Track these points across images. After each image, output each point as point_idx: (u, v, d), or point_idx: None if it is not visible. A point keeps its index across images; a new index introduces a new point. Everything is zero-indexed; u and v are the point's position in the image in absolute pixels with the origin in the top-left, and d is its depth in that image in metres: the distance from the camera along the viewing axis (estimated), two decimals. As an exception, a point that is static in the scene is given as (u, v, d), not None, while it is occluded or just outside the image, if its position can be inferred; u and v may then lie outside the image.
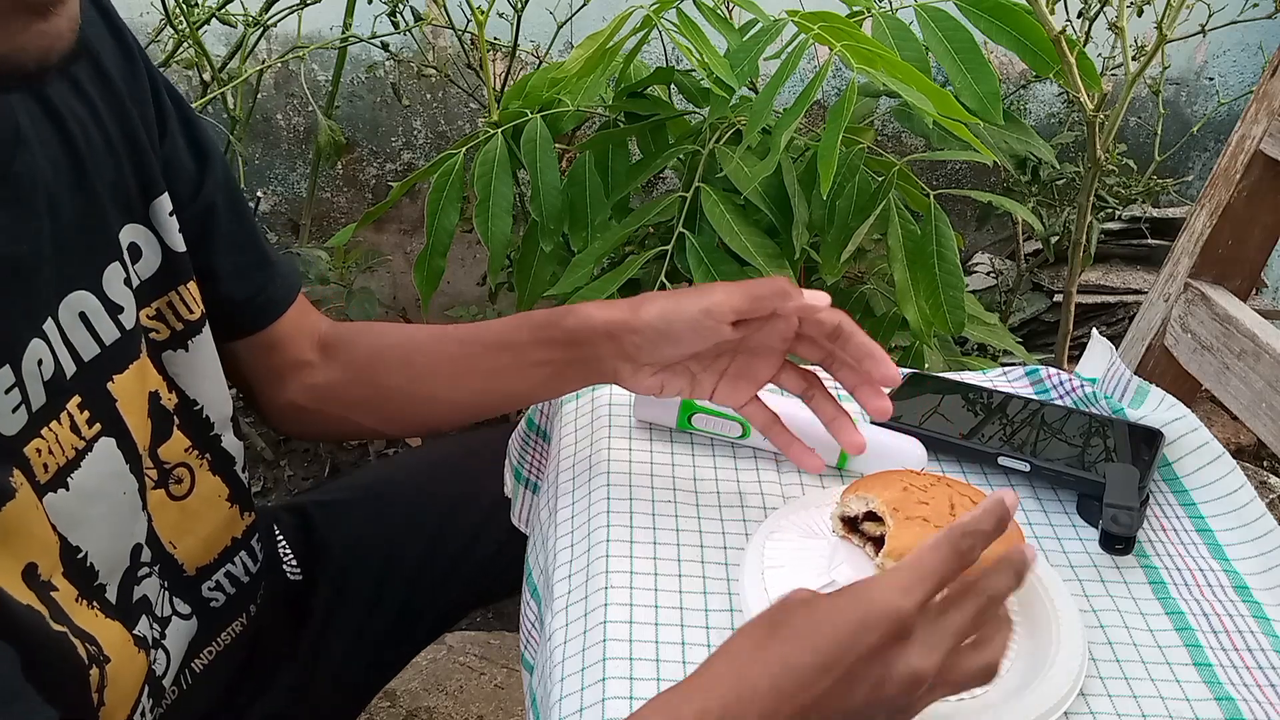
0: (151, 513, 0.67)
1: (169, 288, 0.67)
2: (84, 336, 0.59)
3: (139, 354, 0.63)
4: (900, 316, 1.15)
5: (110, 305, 0.61)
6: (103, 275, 0.60)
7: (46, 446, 0.56)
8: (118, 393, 0.61)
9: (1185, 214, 1.22)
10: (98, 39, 0.63)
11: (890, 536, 0.56)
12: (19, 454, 0.54)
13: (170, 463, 0.68)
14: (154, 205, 0.65)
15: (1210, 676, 0.59)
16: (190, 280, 0.68)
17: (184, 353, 0.68)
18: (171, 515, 0.69)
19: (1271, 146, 0.84)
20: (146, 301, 0.65)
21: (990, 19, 1.11)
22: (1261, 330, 0.82)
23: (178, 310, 0.67)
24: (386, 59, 1.79)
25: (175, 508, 0.69)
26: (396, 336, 0.79)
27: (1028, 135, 1.25)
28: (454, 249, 1.23)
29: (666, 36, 1.15)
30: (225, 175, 0.72)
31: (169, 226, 0.66)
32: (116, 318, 0.61)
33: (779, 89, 1.02)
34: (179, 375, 0.68)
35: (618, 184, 1.24)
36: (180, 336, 0.68)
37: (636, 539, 0.66)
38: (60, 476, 0.57)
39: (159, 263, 0.66)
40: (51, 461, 0.57)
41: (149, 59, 0.68)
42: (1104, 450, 0.75)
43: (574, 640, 0.60)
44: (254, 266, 0.74)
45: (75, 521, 0.58)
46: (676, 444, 0.76)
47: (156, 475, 0.67)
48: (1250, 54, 2.12)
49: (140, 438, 0.64)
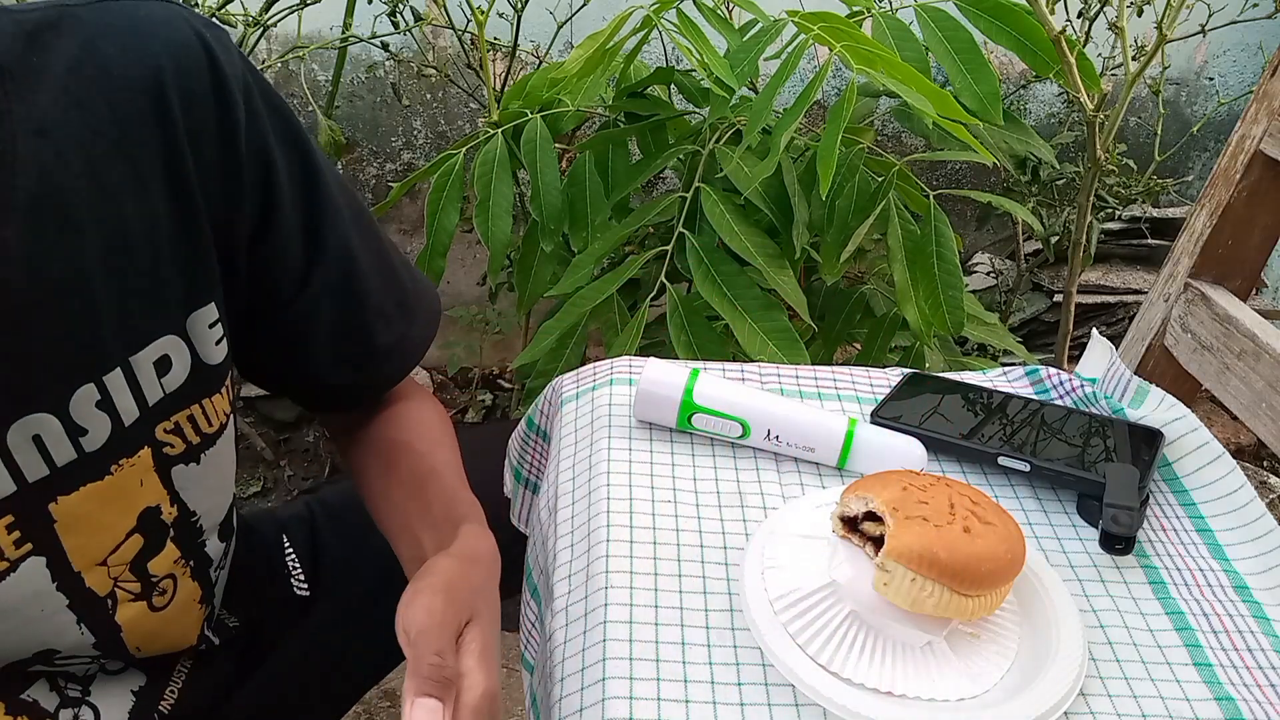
0: (124, 624, 0.65)
1: (193, 400, 0.63)
2: (33, 458, 0.56)
3: (103, 475, 0.60)
4: (900, 316, 1.15)
5: (73, 428, 0.57)
6: (73, 397, 0.56)
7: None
8: (59, 513, 0.58)
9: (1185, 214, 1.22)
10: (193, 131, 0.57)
11: (890, 536, 0.56)
12: None
13: (158, 575, 0.66)
14: (194, 316, 0.61)
15: (1210, 676, 0.59)
16: (218, 392, 0.64)
17: (195, 466, 0.65)
18: (150, 625, 0.67)
19: (1271, 146, 0.84)
20: (166, 415, 0.62)
21: (990, 19, 1.11)
22: (1261, 330, 0.82)
23: (197, 424, 0.64)
24: (386, 59, 1.79)
25: (155, 618, 0.67)
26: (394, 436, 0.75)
27: (1028, 135, 1.25)
28: (454, 249, 1.23)
29: (666, 37, 1.16)
30: (342, 258, 0.66)
31: (207, 338, 0.62)
32: (77, 440, 0.58)
33: (779, 89, 1.02)
34: (184, 489, 0.65)
35: (618, 184, 1.24)
36: (194, 450, 0.64)
37: (636, 539, 0.66)
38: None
39: (186, 375, 0.62)
40: None
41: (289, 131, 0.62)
42: (1104, 450, 0.75)
43: (574, 640, 0.60)
44: (360, 355, 0.70)
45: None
46: (676, 444, 0.76)
47: (140, 589, 0.65)
48: (1250, 54, 2.12)
49: (83, 558, 0.60)
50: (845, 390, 0.84)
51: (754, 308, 1.07)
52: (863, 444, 0.73)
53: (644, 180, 1.23)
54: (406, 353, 0.73)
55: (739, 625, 0.60)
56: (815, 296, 1.30)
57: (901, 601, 0.56)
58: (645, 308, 1.12)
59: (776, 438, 0.74)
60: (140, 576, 0.65)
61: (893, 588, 0.56)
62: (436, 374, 2.09)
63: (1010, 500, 0.73)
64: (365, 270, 0.69)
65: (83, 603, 0.62)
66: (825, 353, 1.29)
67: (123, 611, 0.64)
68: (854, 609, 0.58)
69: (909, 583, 0.55)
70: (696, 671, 0.57)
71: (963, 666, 0.57)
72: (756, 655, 0.58)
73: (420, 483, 0.70)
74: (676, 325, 1.10)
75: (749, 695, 0.56)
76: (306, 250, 0.65)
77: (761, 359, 1.02)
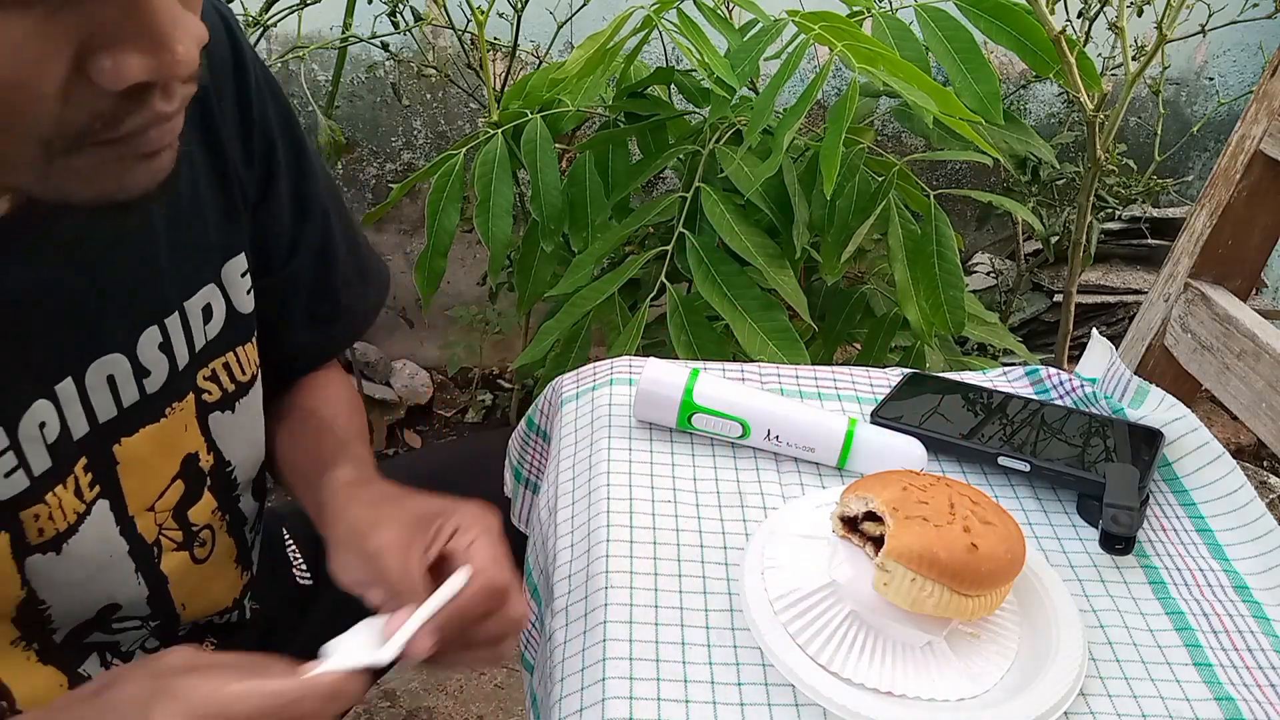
0: (169, 574, 0.66)
1: (229, 348, 0.65)
2: (105, 399, 0.58)
3: (159, 417, 0.62)
4: (900, 316, 1.15)
5: (139, 369, 0.59)
6: (140, 339, 0.59)
7: (48, 512, 0.55)
8: (121, 455, 0.60)
9: (1185, 214, 1.22)
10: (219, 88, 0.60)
11: (890, 536, 0.56)
12: (11, 518, 0.53)
13: (198, 525, 0.67)
14: (228, 265, 0.64)
15: (1210, 676, 0.59)
16: (249, 341, 0.67)
17: (230, 414, 0.67)
18: (193, 579, 0.68)
19: (1271, 146, 0.84)
20: (205, 363, 0.64)
21: (990, 19, 1.11)
22: (1261, 330, 0.82)
23: (232, 371, 0.66)
24: (386, 59, 1.79)
25: (197, 572, 0.68)
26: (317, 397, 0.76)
27: (1028, 135, 1.25)
28: (454, 249, 1.23)
29: (667, 36, 1.15)
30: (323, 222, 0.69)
31: (239, 287, 0.65)
32: (141, 382, 0.60)
33: (780, 89, 1.02)
34: (220, 437, 0.67)
35: (618, 184, 1.24)
36: (230, 398, 0.66)
37: (636, 539, 0.66)
38: (56, 541, 0.56)
39: (223, 323, 0.64)
40: (50, 527, 0.56)
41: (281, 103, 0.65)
42: (1104, 450, 0.75)
43: (574, 640, 0.60)
44: (328, 315, 0.73)
45: (52, 582, 0.57)
46: (676, 444, 0.76)
47: (182, 538, 0.66)
48: (1250, 54, 2.12)
49: (137, 501, 0.62)
50: (845, 390, 0.84)
51: (754, 308, 1.07)
52: (863, 444, 0.73)
53: (644, 180, 1.23)
54: (364, 314, 0.77)
55: (739, 625, 0.60)
56: (815, 296, 1.30)
57: (901, 601, 0.56)
58: (645, 308, 1.12)
59: (776, 438, 0.74)
60: (181, 525, 0.66)
61: (893, 588, 0.56)
62: (436, 374, 2.09)
63: (1010, 500, 0.73)
64: (337, 236, 0.72)
65: (137, 549, 0.63)
66: (825, 353, 1.29)
67: (167, 561, 0.66)
68: (854, 609, 0.58)
69: (909, 583, 0.55)
70: (696, 671, 0.57)
71: (963, 666, 0.57)
72: (756, 655, 0.58)
73: (317, 437, 0.72)
74: (676, 325, 1.10)
75: (749, 695, 0.56)
76: (295, 216, 0.68)
77: (761, 359, 1.02)
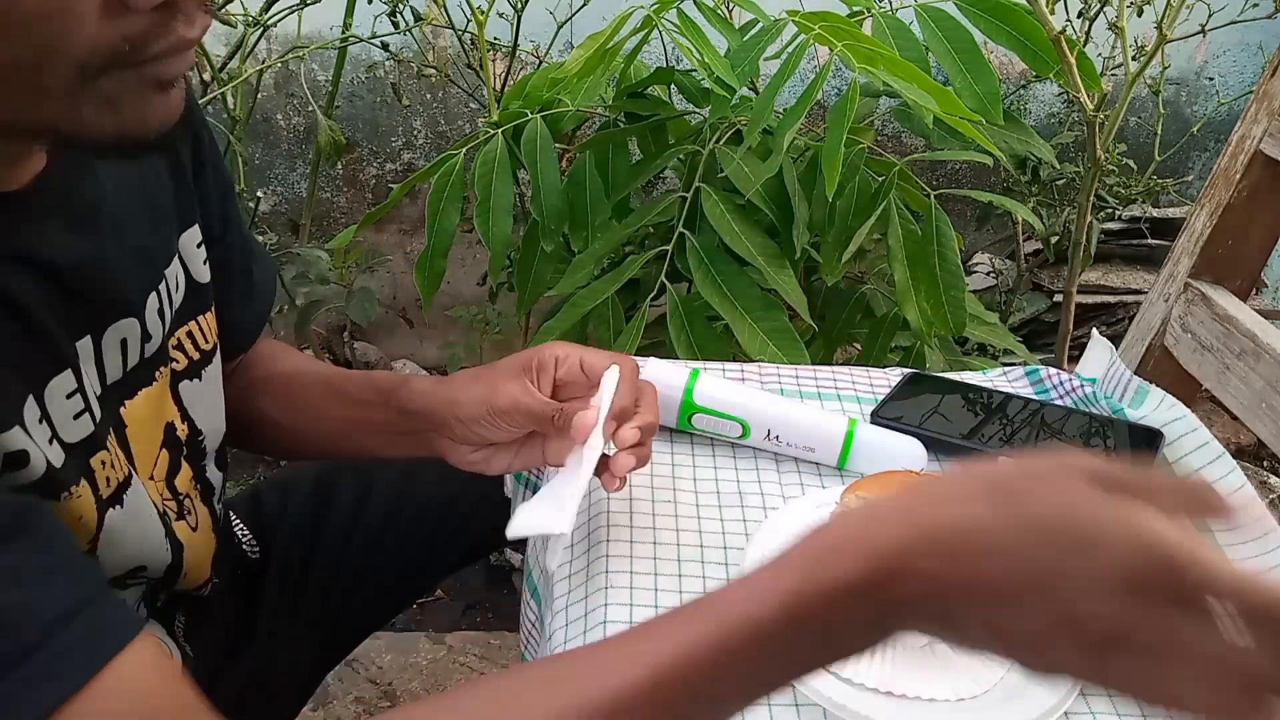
0: (184, 542, 0.66)
1: (191, 316, 0.67)
2: (116, 361, 0.59)
3: (151, 381, 0.63)
4: (901, 316, 1.15)
5: (144, 333, 0.61)
6: (147, 302, 0.61)
7: (110, 459, 0.56)
8: (127, 417, 0.61)
9: (1185, 214, 1.22)
10: None
11: (890, 536, 0.56)
12: (86, 464, 0.54)
13: (183, 494, 0.68)
14: (185, 236, 0.66)
15: (1210, 676, 0.59)
16: (209, 310, 0.68)
17: (197, 382, 0.68)
18: (196, 548, 0.69)
19: (1271, 146, 0.84)
20: (172, 331, 0.65)
21: (990, 19, 1.11)
22: (1261, 330, 0.82)
23: (196, 339, 0.67)
24: (386, 59, 1.79)
25: (197, 540, 0.69)
26: (285, 365, 0.80)
27: (1028, 135, 1.25)
28: (454, 249, 1.23)
29: (667, 36, 1.15)
30: (237, 205, 0.73)
31: (196, 257, 0.67)
32: (144, 345, 0.61)
33: (780, 89, 1.02)
34: (191, 405, 0.68)
35: (618, 184, 1.24)
36: (196, 366, 0.68)
37: (636, 539, 0.66)
38: (118, 494, 0.57)
39: (183, 292, 0.66)
40: (114, 476, 0.57)
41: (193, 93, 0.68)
42: (1104, 450, 0.75)
43: (574, 640, 0.60)
44: (248, 288, 0.75)
45: (117, 539, 0.58)
46: (676, 444, 0.76)
47: (176, 507, 0.67)
48: (1250, 54, 2.12)
49: (144, 466, 0.63)
50: (845, 390, 0.84)
51: (754, 308, 1.07)
52: (863, 444, 0.73)
53: (644, 180, 1.24)
54: (272, 287, 0.80)
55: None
56: (815, 296, 1.30)
57: (901, 601, 0.56)
58: (645, 308, 1.12)
59: (776, 438, 0.74)
60: (174, 494, 0.67)
61: (893, 588, 0.56)
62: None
63: (1010, 500, 0.73)
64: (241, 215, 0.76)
65: (160, 513, 0.64)
66: (825, 353, 1.29)
67: (177, 528, 0.66)
68: (854, 609, 0.58)
69: (909, 583, 0.55)
70: (696, 671, 0.57)
71: (963, 666, 0.57)
72: (756, 655, 0.58)
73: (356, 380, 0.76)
74: (676, 325, 1.10)
75: (749, 695, 0.56)
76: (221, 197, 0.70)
77: (761, 359, 1.02)
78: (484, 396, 0.65)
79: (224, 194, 0.71)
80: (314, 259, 1.60)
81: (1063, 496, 0.37)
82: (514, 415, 0.64)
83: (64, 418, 0.53)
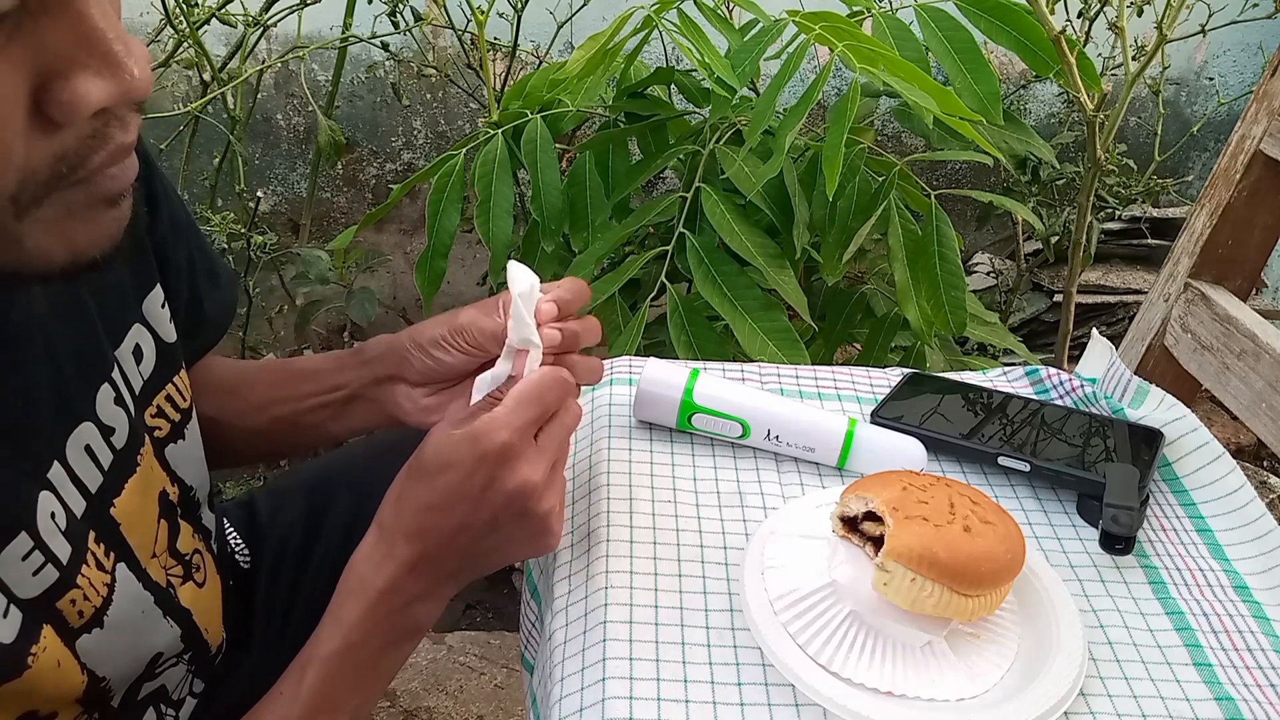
0: (190, 607, 0.66)
1: (165, 382, 0.65)
2: (89, 468, 0.57)
3: (134, 468, 0.61)
4: (901, 316, 1.15)
5: (104, 429, 0.58)
6: (96, 400, 0.58)
7: (82, 594, 0.55)
8: (119, 516, 0.60)
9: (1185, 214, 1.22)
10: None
11: (890, 536, 0.56)
12: (50, 609, 0.53)
13: (187, 553, 0.68)
14: (147, 301, 0.63)
15: (1210, 676, 0.59)
16: (181, 369, 0.67)
17: (182, 443, 0.67)
18: (204, 603, 0.69)
19: (1271, 146, 0.84)
20: (149, 400, 0.63)
21: (990, 19, 1.11)
22: (1261, 330, 0.82)
23: (175, 402, 0.66)
24: (386, 59, 1.79)
25: (204, 594, 0.69)
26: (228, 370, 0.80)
27: (1028, 135, 1.25)
28: (454, 249, 1.23)
29: (667, 37, 1.15)
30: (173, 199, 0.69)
31: (161, 318, 0.64)
32: (109, 440, 0.59)
33: (781, 89, 1.02)
34: (178, 466, 0.67)
35: (618, 184, 1.24)
36: (179, 427, 0.67)
37: (636, 539, 0.66)
38: (97, 617, 0.56)
39: (155, 358, 0.64)
40: (87, 607, 0.56)
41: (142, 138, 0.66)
42: (1104, 450, 0.75)
43: (574, 640, 0.60)
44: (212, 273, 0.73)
45: (104, 656, 0.57)
46: (676, 444, 0.76)
47: (182, 571, 0.67)
48: (1250, 54, 2.12)
49: (144, 552, 0.62)
50: (845, 390, 0.84)
51: (754, 308, 1.07)
52: (863, 444, 0.73)
53: (644, 180, 1.23)
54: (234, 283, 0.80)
55: (739, 625, 0.60)
56: (816, 296, 1.30)
57: (901, 601, 0.56)
58: (645, 308, 1.12)
59: (776, 438, 0.74)
60: (177, 559, 0.67)
61: (892, 588, 0.56)
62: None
63: (1010, 500, 0.73)
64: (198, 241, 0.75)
65: (160, 596, 0.63)
66: (825, 353, 1.29)
67: (183, 595, 0.66)
68: (854, 609, 0.58)
69: (909, 583, 0.55)
70: (696, 671, 0.57)
71: (963, 666, 0.57)
72: (756, 655, 0.58)
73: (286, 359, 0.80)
74: (676, 325, 1.10)
75: (749, 695, 0.56)
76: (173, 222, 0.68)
77: (761, 359, 1.02)
78: (444, 319, 0.70)
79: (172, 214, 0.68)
80: (314, 259, 1.60)
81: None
82: (471, 332, 0.68)
83: (20, 578, 0.51)
